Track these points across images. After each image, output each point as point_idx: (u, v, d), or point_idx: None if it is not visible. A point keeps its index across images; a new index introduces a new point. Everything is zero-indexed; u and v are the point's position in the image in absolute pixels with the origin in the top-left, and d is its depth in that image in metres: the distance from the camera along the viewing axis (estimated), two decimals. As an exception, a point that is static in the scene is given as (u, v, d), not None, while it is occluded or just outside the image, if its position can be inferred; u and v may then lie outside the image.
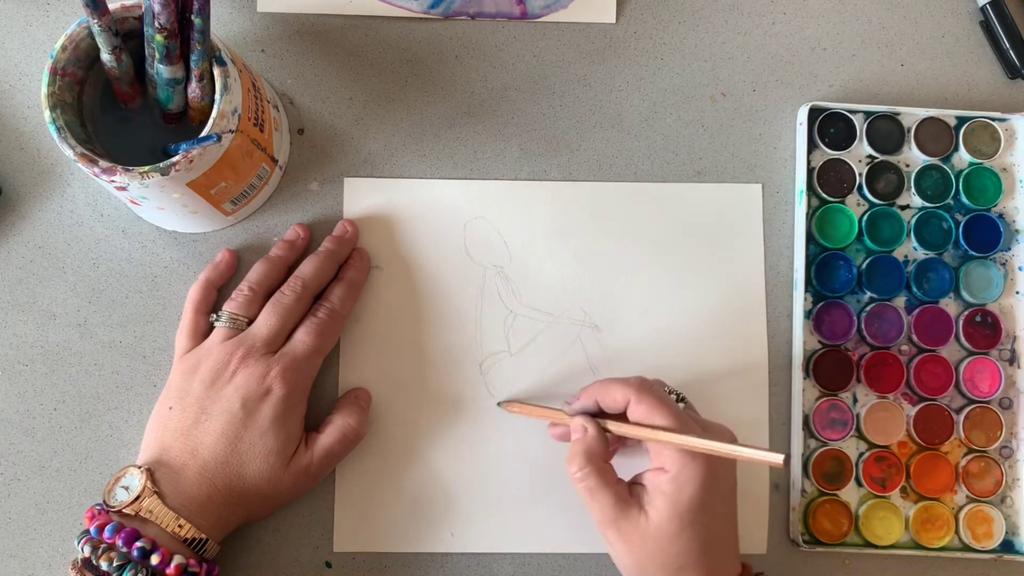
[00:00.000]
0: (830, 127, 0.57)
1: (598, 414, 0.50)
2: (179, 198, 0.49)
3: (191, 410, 0.49)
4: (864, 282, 0.56)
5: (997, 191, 0.57)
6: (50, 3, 0.57)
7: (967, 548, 0.55)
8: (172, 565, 0.45)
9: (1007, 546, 0.55)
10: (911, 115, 0.57)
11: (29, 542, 0.53)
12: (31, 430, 0.54)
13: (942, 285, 0.56)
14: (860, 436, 0.55)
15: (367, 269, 0.55)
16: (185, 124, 0.50)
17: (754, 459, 0.44)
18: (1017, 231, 0.57)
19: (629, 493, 0.47)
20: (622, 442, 0.52)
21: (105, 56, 0.47)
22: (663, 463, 0.47)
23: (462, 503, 0.54)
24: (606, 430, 0.49)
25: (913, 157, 0.57)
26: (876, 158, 0.57)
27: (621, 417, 0.49)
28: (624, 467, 0.49)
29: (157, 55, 0.46)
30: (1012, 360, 0.56)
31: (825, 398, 0.55)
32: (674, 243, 0.56)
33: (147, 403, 0.53)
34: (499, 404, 0.54)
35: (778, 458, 0.43)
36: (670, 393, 0.50)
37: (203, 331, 0.52)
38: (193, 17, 0.45)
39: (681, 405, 0.50)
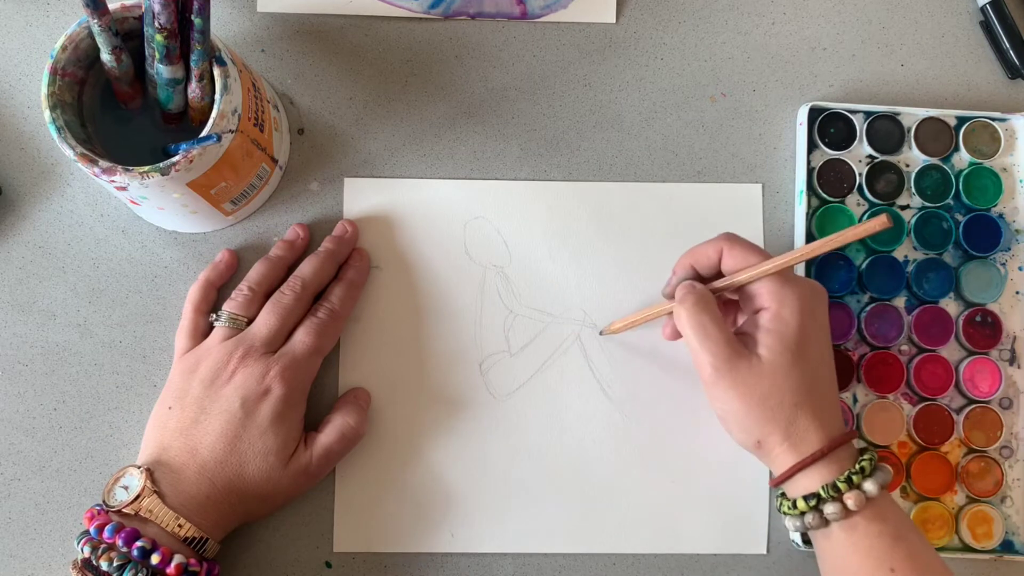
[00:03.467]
0: (830, 127, 0.57)
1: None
2: (179, 198, 0.49)
3: (190, 410, 0.49)
4: (864, 282, 0.56)
5: (997, 191, 0.57)
6: (50, 3, 0.57)
7: (967, 548, 0.55)
8: (172, 564, 0.45)
9: (1007, 546, 0.55)
10: (911, 115, 0.57)
11: (29, 542, 0.53)
12: (31, 430, 0.54)
13: (942, 285, 0.56)
14: (860, 436, 0.55)
15: (367, 269, 0.55)
16: (185, 124, 0.50)
17: (861, 234, 0.45)
18: (1017, 231, 0.57)
19: (737, 340, 0.47)
20: None
21: (105, 56, 0.47)
22: (761, 303, 0.47)
23: (462, 503, 0.54)
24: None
25: (913, 157, 0.57)
26: (876, 158, 0.57)
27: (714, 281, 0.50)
28: None
29: (157, 55, 0.46)
30: (1012, 360, 0.56)
31: (825, 398, 0.55)
32: (674, 243, 0.56)
33: (147, 403, 0.53)
34: (601, 333, 0.55)
35: (881, 218, 0.44)
36: None
37: (203, 331, 0.52)
38: (193, 17, 0.45)
39: None
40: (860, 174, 0.57)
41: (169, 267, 0.55)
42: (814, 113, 0.57)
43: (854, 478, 0.45)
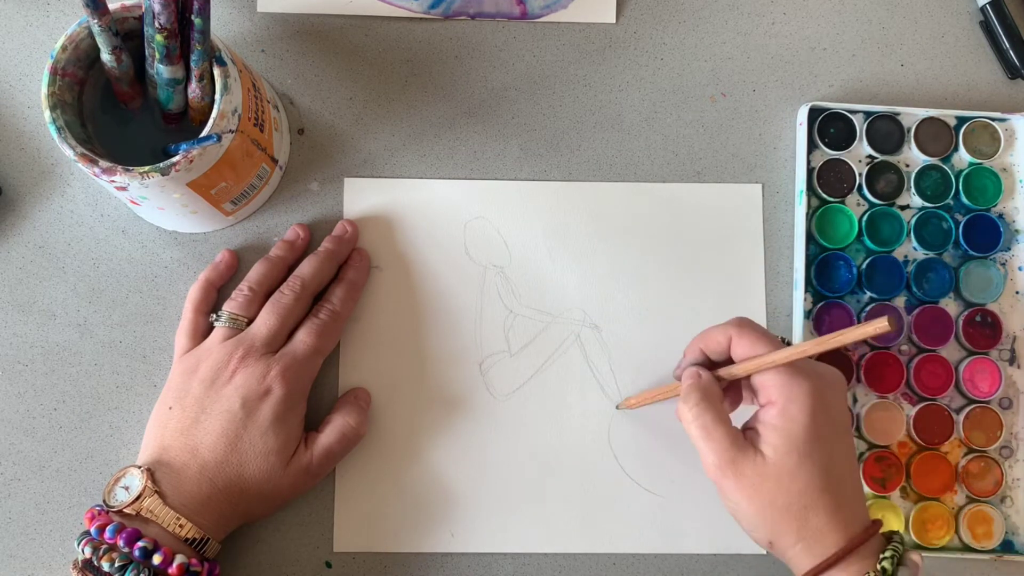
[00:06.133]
0: (830, 127, 0.57)
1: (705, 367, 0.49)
2: (179, 198, 0.49)
3: (191, 410, 0.49)
4: (864, 282, 0.56)
5: (997, 191, 0.57)
6: (50, 3, 0.57)
7: (967, 548, 0.55)
8: (174, 565, 0.45)
9: (1007, 546, 0.55)
10: (911, 115, 0.57)
11: (29, 542, 0.53)
12: (31, 430, 0.54)
13: (942, 285, 0.56)
14: (860, 436, 0.55)
15: (367, 269, 0.55)
16: (185, 124, 0.50)
17: (860, 337, 0.43)
18: (1017, 231, 0.57)
19: (743, 437, 0.45)
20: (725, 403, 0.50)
21: (105, 56, 0.47)
22: (770, 396, 0.45)
23: (462, 503, 0.54)
24: (717, 378, 0.48)
25: (913, 157, 0.57)
26: (876, 158, 0.57)
27: (725, 366, 0.48)
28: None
29: (157, 55, 0.46)
30: (1012, 360, 0.56)
31: (825, 398, 0.55)
32: (674, 243, 0.56)
33: (147, 403, 0.53)
34: (617, 407, 0.55)
35: (882, 322, 0.41)
36: None
37: (203, 331, 0.52)
38: (193, 17, 0.45)
39: None
40: (860, 174, 0.57)
41: (169, 267, 0.55)
42: (814, 113, 0.57)
43: None
